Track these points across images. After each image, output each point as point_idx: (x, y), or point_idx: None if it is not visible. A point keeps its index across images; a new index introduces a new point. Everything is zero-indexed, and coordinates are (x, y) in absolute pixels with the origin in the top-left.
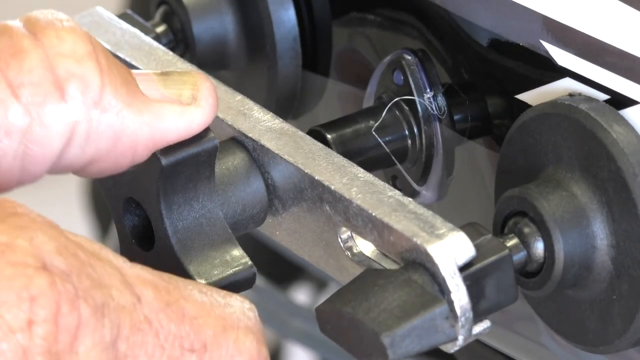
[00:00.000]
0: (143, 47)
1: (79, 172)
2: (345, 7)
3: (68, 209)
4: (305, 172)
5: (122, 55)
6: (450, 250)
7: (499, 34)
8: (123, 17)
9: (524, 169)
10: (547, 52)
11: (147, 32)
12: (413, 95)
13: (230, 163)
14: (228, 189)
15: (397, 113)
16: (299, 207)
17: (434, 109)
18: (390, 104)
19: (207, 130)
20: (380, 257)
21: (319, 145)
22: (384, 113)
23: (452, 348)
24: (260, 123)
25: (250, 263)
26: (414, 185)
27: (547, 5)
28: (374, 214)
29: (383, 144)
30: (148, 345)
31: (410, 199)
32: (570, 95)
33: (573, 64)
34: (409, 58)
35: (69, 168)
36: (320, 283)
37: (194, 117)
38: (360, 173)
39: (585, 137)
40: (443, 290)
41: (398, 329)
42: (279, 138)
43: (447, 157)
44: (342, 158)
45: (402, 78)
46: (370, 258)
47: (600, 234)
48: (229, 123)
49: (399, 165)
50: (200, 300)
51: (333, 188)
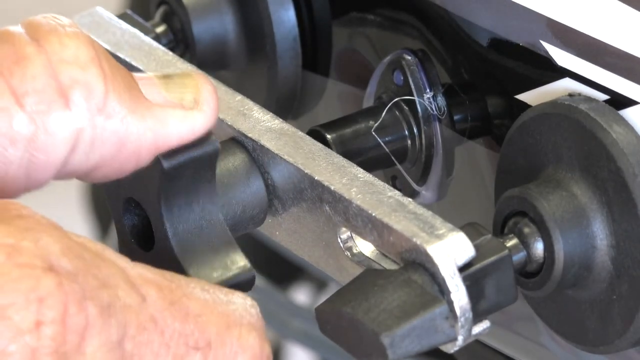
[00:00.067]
0: (143, 47)
1: (83, 177)
2: (345, 7)
3: (68, 209)
4: (305, 172)
5: (122, 56)
6: (450, 251)
7: (499, 34)
8: (123, 17)
9: (524, 169)
10: (547, 52)
11: (147, 32)
12: (413, 96)
13: (230, 163)
14: (228, 190)
15: (397, 113)
16: (299, 207)
17: (434, 109)
18: (390, 104)
19: (208, 133)
20: (380, 257)
21: (319, 146)
22: (384, 113)
23: (451, 348)
24: (260, 123)
25: (250, 266)
26: (414, 186)
27: (547, 6)
28: (374, 214)
29: (383, 144)
30: (154, 344)
31: (410, 199)
32: (570, 96)
33: (573, 64)
34: (409, 58)
35: (74, 174)
36: (320, 283)
37: (196, 121)
38: (360, 173)
39: (585, 137)
40: (443, 291)
41: (398, 329)
42: (279, 138)
43: (447, 157)
44: (341, 158)
45: (402, 78)
46: (370, 258)
47: (600, 234)
48: (229, 123)
49: (399, 166)
50: (203, 298)
51: (333, 188)
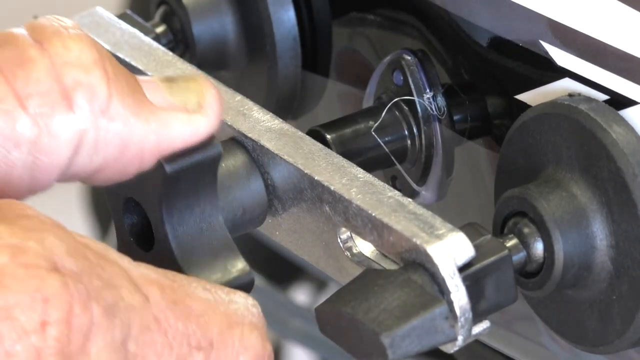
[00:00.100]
0: (143, 47)
1: (87, 180)
2: (345, 7)
3: (68, 210)
4: (305, 172)
5: (121, 56)
6: (450, 251)
7: (499, 34)
8: (123, 17)
9: (524, 169)
10: (546, 52)
11: (146, 32)
12: (413, 96)
13: (230, 163)
14: (228, 190)
15: (396, 113)
16: (299, 207)
17: (434, 109)
18: (390, 104)
19: (211, 137)
20: (380, 257)
21: (319, 146)
22: (384, 113)
23: (451, 348)
24: (260, 123)
25: (249, 269)
26: (414, 186)
27: (547, 6)
28: (374, 215)
29: (383, 144)
30: (157, 345)
31: (410, 200)
32: (570, 96)
33: (573, 64)
34: (409, 58)
35: (77, 176)
36: (320, 283)
37: (200, 124)
38: (360, 173)
39: (585, 137)
40: (443, 291)
41: (398, 329)
42: (279, 138)
43: (446, 157)
44: (341, 158)
45: (401, 78)
46: (370, 258)
47: (600, 234)
48: (229, 123)
49: (399, 166)
50: (205, 298)
51: (333, 188)
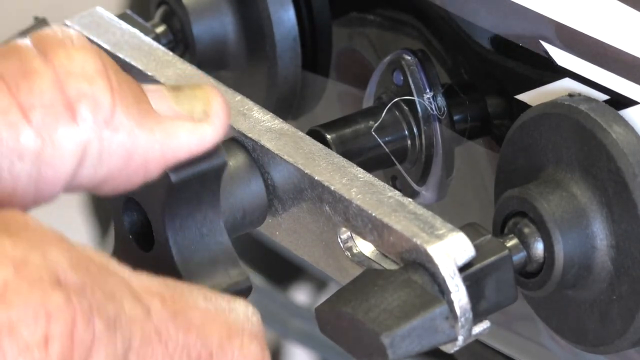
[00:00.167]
0: (143, 47)
1: (92, 190)
2: (345, 7)
3: (68, 210)
4: (305, 172)
5: (122, 56)
6: (450, 251)
7: (499, 34)
8: (123, 17)
9: (524, 169)
10: (547, 52)
11: (146, 32)
12: (413, 96)
13: (231, 164)
14: (228, 190)
15: (396, 113)
16: (299, 207)
17: (434, 109)
18: (390, 104)
19: (217, 146)
20: (380, 257)
21: (319, 146)
22: (384, 113)
23: (452, 348)
24: (260, 123)
25: (247, 276)
26: (414, 186)
27: (547, 6)
28: (374, 215)
29: (383, 144)
30: (158, 356)
31: (410, 200)
32: (570, 96)
33: (573, 64)
34: (409, 58)
35: (82, 187)
36: (320, 283)
37: (206, 134)
38: (360, 173)
39: (585, 137)
40: (443, 291)
41: (398, 329)
42: (279, 138)
43: (446, 157)
44: (341, 158)
45: (401, 78)
46: (370, 258)
47: (600, 234)
48: (229, 123)
49: (399, 166)
50: (206, 308)
51: (333, 188)
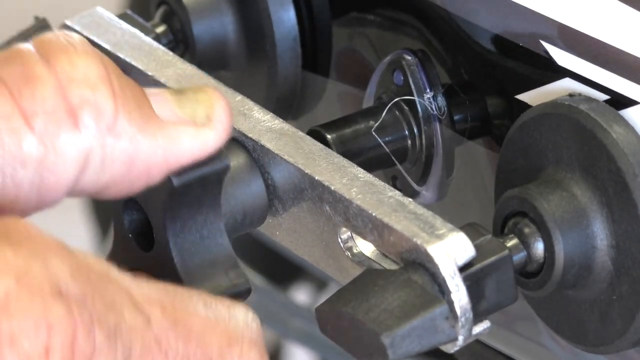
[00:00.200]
0: (143, 47)
1: (94, 195)
2: (345, 7)
3: (68, 211)
4: (306, 172)
5: (122, 56)
6: (450, 251)
7: (499, 34)
8: (123, 17)
9: (524, 169)
10: (547, 52)
11: (147, 32)
12: (413, 96)
13: (231, 164)
14: (228, 190)
15: (397, 113)
16: (299, 207)
17: (434, 109)
18: (390, 104)
19: (219, 150)
20: (380, 257)
21: (319, 146)
22: (384, 113)
23: (452, 348)
24: (260, 123)
25: (246, 277)
26: (414, 186)
27: (547, 6)
28: (374, 214)
29: (383, 144)
30: None
31: (410, 199)
32: (570, 96)
33: (573, 64)
34: (409, 58)
35: (85, 193)
36: (320, 283)
37: (208, 138)
38: (360, 173)
39: (585, 137)
40: (443, 291)
41: (398, 329)
42: (279, 138)
43: (447, 157)
44: (342, 158)
45: (402, 78)
46: (370, 258)
47: (600, 234)
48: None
49: (399, 166)
50: (206, 316)
51: (333, 188)
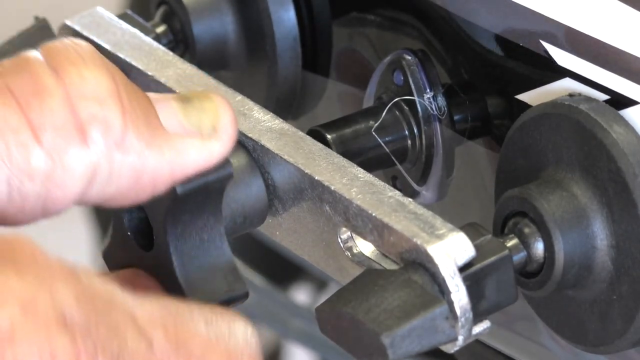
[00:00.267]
0: (143, 47)
1: (99, 205)
2: (345, 7)
3: (68, 210)
4: (306, 172)
5: (122, 56)
6: (450, 251)
7: (499, 34)
8: (123, 17)
9: (524, 169)
10: (547, 52)
11: (147, 32)
12: (413, 96)
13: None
14: (229, 192)
15: (397, 113)
16: (299, 207)
17: (434, 109)
18: (390, 104)
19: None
20: (380, 257)
21: (319, 146)
22: (384, 113)
23: (452, 348)
24: (261, 123)
25: (244, 282)
26: (414, 186)
27: (547, 6)
28: (374, 214)
29: (383, 144)
30: None
31: (410, 199)
32: (570, 96)
33: (573, 64)
34: (409, 58)
35: (90, 203)
36: (320, 283)
37: (214, 150)
38: (360, 173)
39: (585, 137)
40: (443, 291)
41: (398, 329)
42: (279, 138)
43: (447, 157)
44: (342, 158)
45: (402, 78)
46: (370, 258)
47: (601, 235)
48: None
49: (399, 166)
50: (207, 336)
51: (333, 188)
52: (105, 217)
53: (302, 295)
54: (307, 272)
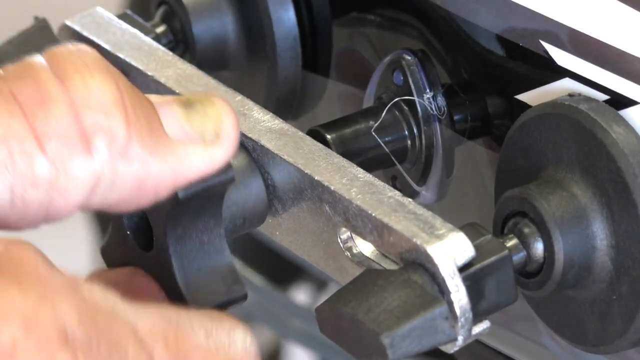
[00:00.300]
0: (143, 47)
1: (101, 211)
2: (345, 7)
3: None
4: (305, 172)
5: (122, 56)
6: (450, 251)
7: (499, 34)
8: (123, 17)
9: (524, 169)
10: (547, 52)
11: (147, 32)
12: (413, 96)
13: (232, 164)
14: (229, 193)
15: (396, 113)
16: (299, 207)
17: (434, 109)
18: (390, 104)
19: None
20: (380, 257)
21: (319, 146)
22: (384, 113)
23: (451, 348)
24: (260, 123)
25: (243, 284)
26: (414, 186)
27: (547, 6)
28: (374, 215)
29: (383, 144)
30: None
31: (410, 200)
32: (570, 96)
33: (573, 64)
34: (409, 58)
35: (92, 209)
36: (320, 283)
37: (216, 156)
38: (360, 173)
39: (585, 137)
40: (443, 291)
41: (398, 329)
42: (279, 138)
43: (447, 157)
44: (341, 158)
45: (402, 78)
46: (370, 258)
47: (600, 235)
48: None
49: (399, 166)
50: (207, 347)
51: (333, 188)
52: (106, 218)
53: (302, 295)
54: (307, 272)
